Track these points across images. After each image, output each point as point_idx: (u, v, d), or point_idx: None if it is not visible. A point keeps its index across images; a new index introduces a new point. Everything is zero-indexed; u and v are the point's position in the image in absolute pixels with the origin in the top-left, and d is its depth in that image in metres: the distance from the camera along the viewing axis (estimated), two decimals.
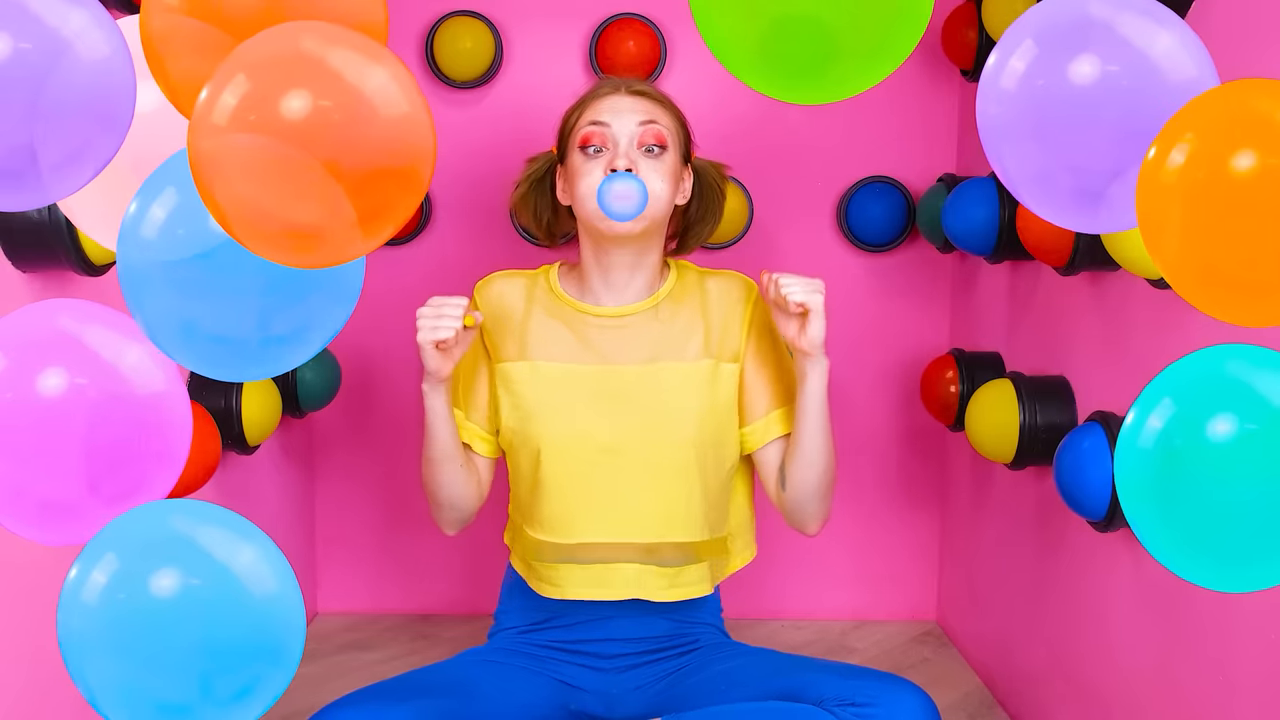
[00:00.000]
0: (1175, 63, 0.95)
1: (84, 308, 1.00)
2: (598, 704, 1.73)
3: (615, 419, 1.66)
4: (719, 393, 1.70)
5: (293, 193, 0.85)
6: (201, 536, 0.96)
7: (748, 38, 0.98)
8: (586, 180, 1.63)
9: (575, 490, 1.67)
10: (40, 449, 0.95)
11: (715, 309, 1.73)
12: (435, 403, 1.64)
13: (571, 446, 1.66)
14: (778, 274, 1.60)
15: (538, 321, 1.72)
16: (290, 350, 1.00)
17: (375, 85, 0.86)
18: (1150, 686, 1.61)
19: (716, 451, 1.71)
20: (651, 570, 1.69)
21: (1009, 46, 0.99)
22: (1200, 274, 0.91)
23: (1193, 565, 0.96)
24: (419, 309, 1.58)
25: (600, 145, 1.64)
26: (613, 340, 1.70)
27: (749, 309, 1.74)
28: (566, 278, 1.76)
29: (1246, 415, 0.92)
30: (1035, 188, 1.02)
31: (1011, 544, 2.17)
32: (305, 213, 0.86)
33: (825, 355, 1.62)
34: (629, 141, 1.64)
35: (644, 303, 1.71)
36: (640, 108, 1.67)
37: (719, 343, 1.71)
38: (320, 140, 0.84)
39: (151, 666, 0.93)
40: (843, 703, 1.48)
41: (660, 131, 1.66)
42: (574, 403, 1.67)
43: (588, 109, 1.69)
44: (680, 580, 1.70)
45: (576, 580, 1.69)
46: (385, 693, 1.56)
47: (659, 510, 1.67)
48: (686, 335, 1.71)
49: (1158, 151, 0.89)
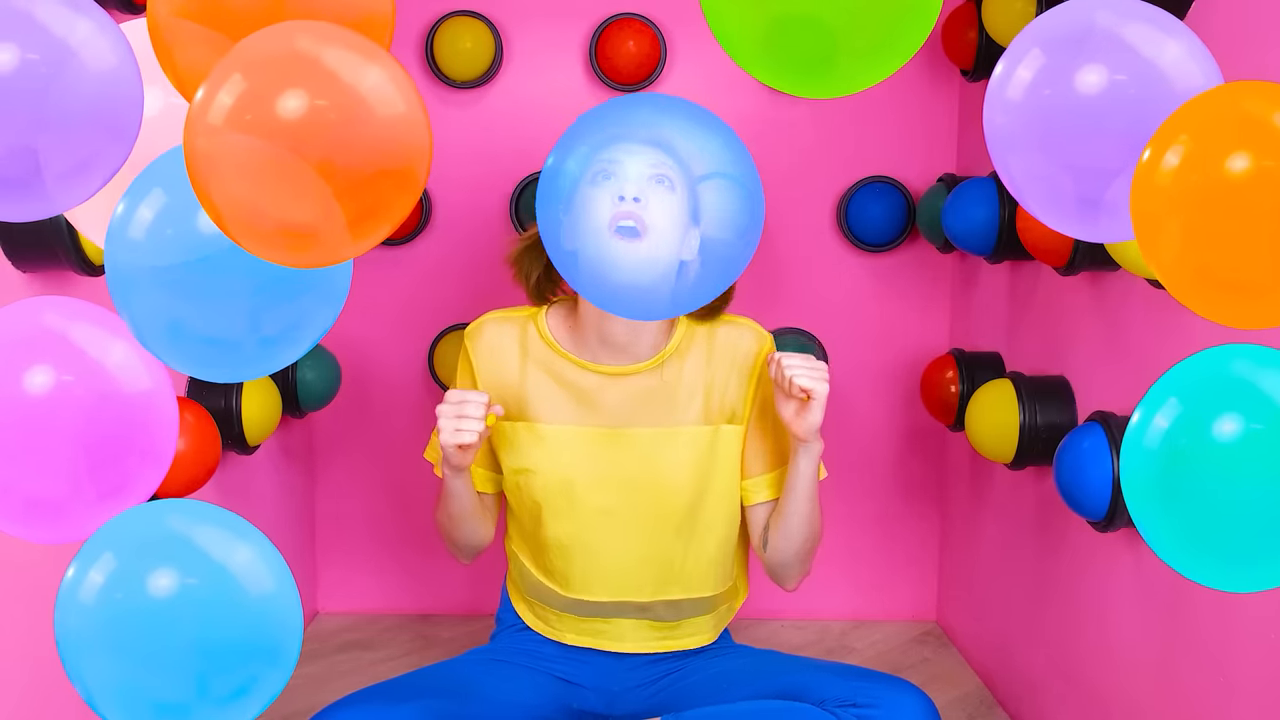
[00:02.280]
0: (1183, 71, 0.95)
1: (70, 305, 1.00)
2: (599, 702, 1.74)
3: (614, 482, 1.64)
4: (719, 456, 1.66)
5: (288, 192, 0.85)
6: (198, 536, 0.96)
7: (755, 30, 0.98)
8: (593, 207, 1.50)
9: (574, 549, 1.66)
10: (27, 446, 0.95)
11: (721, 366, 1.66)
12: (457, 483, 1.62)
13: (570, 509, 1.64)
14: (781, 354, 1.54)
15: (535, 381, 1.65)
16: (279, 351, 1.00)
17: (371, 85, 0.86)
18: (1150, 686, 1.61)
19: (717, 511, 1.67)
20: (647, 625, 1.70)
21: (1016, 55, 0.98)
22: (1195, 276, 0.90)
23: (1197, 565, 0.96)
24: (439, 406, 1.52)
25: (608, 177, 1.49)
26: (612, 398, 1.64)
27: (758, 364, 1.67)
28: (559, 324, 1.67)
29: (1252, 415, 0.91)
30: (1042, 196, 1.02)
31: (1011, 544, 2.17)
32: (301, 212, 0.86)
33: (820, 439, 1.59)
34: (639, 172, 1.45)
35: (646, 363, 1.64)
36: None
37: (719, 404, 1.66)
38: (316, 140, 0.84)
39: (149, 666, 0.93)
40: (844, 704, 1.48)
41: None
42: (573, 465, 1.63)
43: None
44: (678, 633, 1.72)
45: (573, 628, 1.72)
46: (387, 693, 1.56)
47: (655, 570, 1.66)
48: (689, 397, 1.65)
49: (1152, 154, 0.89)
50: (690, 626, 1.72)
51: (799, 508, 1.63)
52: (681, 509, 1.64)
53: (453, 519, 1.67)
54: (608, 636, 1.71)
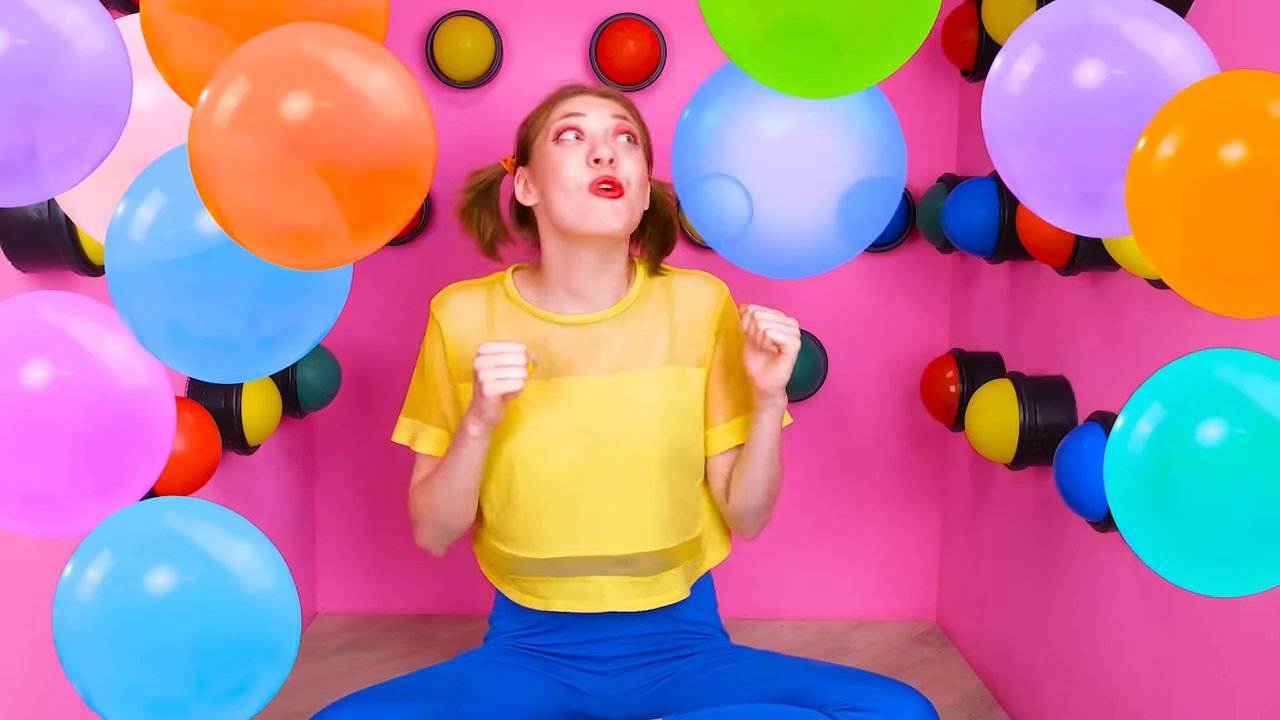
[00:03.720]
0: (1181, 66, 0.95)
1: (68, 300, 1.00)
2: (598, 706, 1.73)
3: (583, 434, 1.64)
4: (685, 399, 1.69)
5: (293, 194, 0.85)
6: (196, 534, 0.96)
7: (754, 32, 0.98)
8: (568, 169, 1.59)
9: (547, 507, 1.66)
10: (24, 441, 0.95)
11: (682, 312, 1.70)
12: (474, 453, 1.60)
13: (541, 465, 1.65)
14: (755, 307, 1.57)
15: (501, 338, 1.67)
16: (279, 351, 1.00)
17: (376, 86, 0.86)
18: (1150, 686, 1.61)
19: (683, 458, 1.69)
20: (627, 580, 1.69)
21: (1015, 50, 0.98)
22: (1191, 266, 0.90)
23: (1183, 570, 0.96)
24: (476, 360, 1.52)
25: (577, 135, 1.61)
26: (578, 349, 1.67)
27: (719, 313, 1.72)
28: (525, 283, 1.72)
29: (1236, 419, 0.92)
30: (1040, 191, 1.02)
31: (1011, 544, 2.17)
32: (306, 214, 0.86)
33: (784, 394, 1.62)
34: (605, 133, 1.62)
35: (609, 310, 1.68)
36: (612, 107, 1.66)
37: (685, 347, 1.69)
38: (321, 142, 0.84)
39: (146, 664, 0.93)
40: (844, 708, 1.47)
41: (633, 130, 1.65)
42: (542, 421, 1.65)
43: (557, 106, 1.66)
44: (657, 589, 1.71)
45: (558, 592, 1.70)
46: (386, 694, 1.56)
47: (631, 522, 1.66)
48: (651, 340, 1.68)
49: (1147, 143, 0.89)
50: (666, 580, 1.71)
51: (761, 460, 1.66)
52: (655, 454, 1.66)
53: (455, 495, 1.65)
54: (588, 597, 1.69)
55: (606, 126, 1.63)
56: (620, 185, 1.59)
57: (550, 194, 1.62)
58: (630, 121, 1.66)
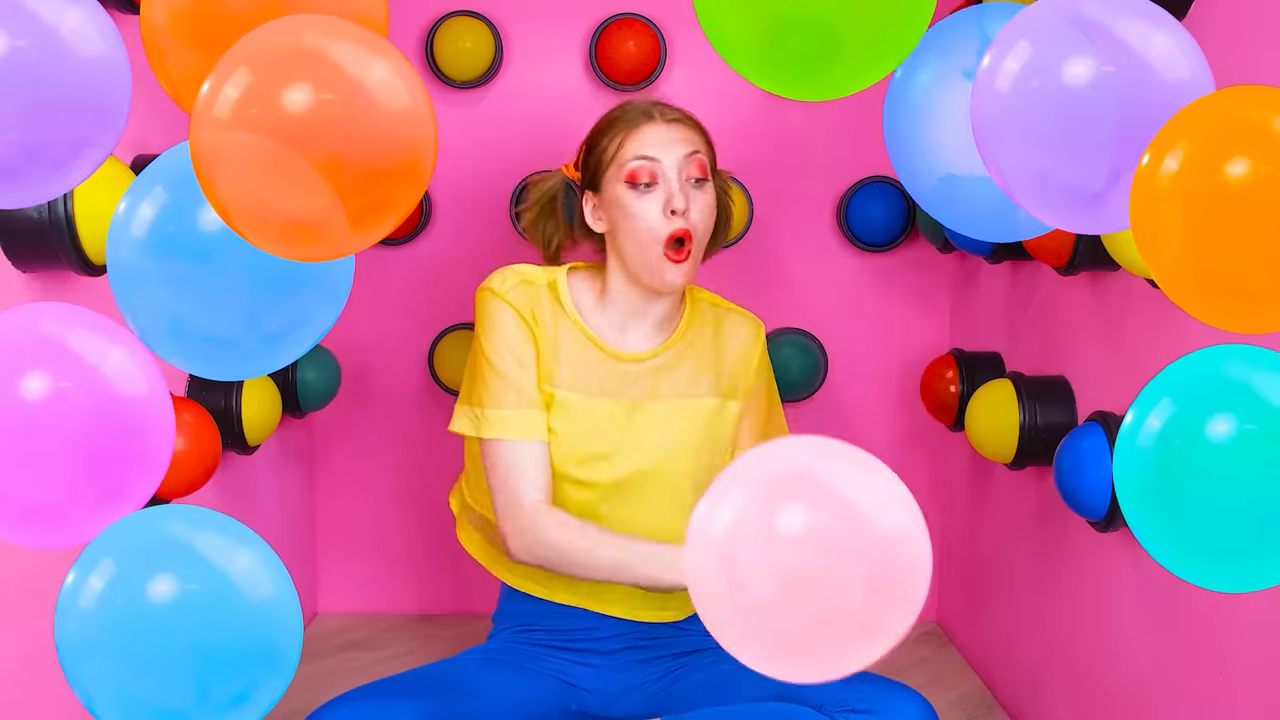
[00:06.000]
0: (1170, 63, 0.95)
1: (66, 311, 1.00)
2: (597, 703, 1.74)
3: (632, 454, 1.67)
4: (721, 431, 1.73)
5: (294, 186, 0.85)
6: (198, 542, 0.96)
7: (751, 35, 0.98)
8: (646, 222, 1.60)
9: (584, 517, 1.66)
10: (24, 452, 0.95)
11: (729, 347, 1.75)
12: None
13: (579, 479, 1.66)
14: None
15: (565, 349, 1.68)
16: (281, 348, 1.00)
17: (377, 78, 0.86)
18: (1150, 686, 1.61)
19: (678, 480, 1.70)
20: (640, 594, 1.70)
21: (1003, 47, 0.98)
22: (1195, 280, 0.90)
23: (1191, 565, 0.96)
24: None
25: (651, 181, 1.61)
26: (631, 376, 1.70)
27: (760, 352, 1.78)
28: (581, 290, 1.71)
29: (1245, 415, 0.91)
30: (1029, 189, 1.01)
31: (1011, 544, 2.17)
32: (307, 206, 0.86)
33: None
34: (678, 174, 1.61)
35: (661, 347, 1.71)
36: (682, 137, 1.64)
37: (729, 382, 1.74)
38: (322, 134, 0.84)
39: (149, 672, 0.93)
40: (843, 708, 1.48)
41: (704, 161, 1.64)
42: (589, 437, 1.66)
43: (630, 140, 1.63)
44: (670, 604, 1.73)
45: (566, 586, 1.71)
46: (384, 690, 1.56)
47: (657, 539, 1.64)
48: (700, 371, 1.72)
49: (1152, 158, 0.89)
50: (678, 600, 1.73)
51: None
52: (680, 479, 1.69)
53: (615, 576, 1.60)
54: (596, 598, 1.71)
55: (679, 167, 1.62)
56: (690, 239, 1.61)
57: (624, 239, 1.64)
58: (702, 153, 1.65)
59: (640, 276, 1.64)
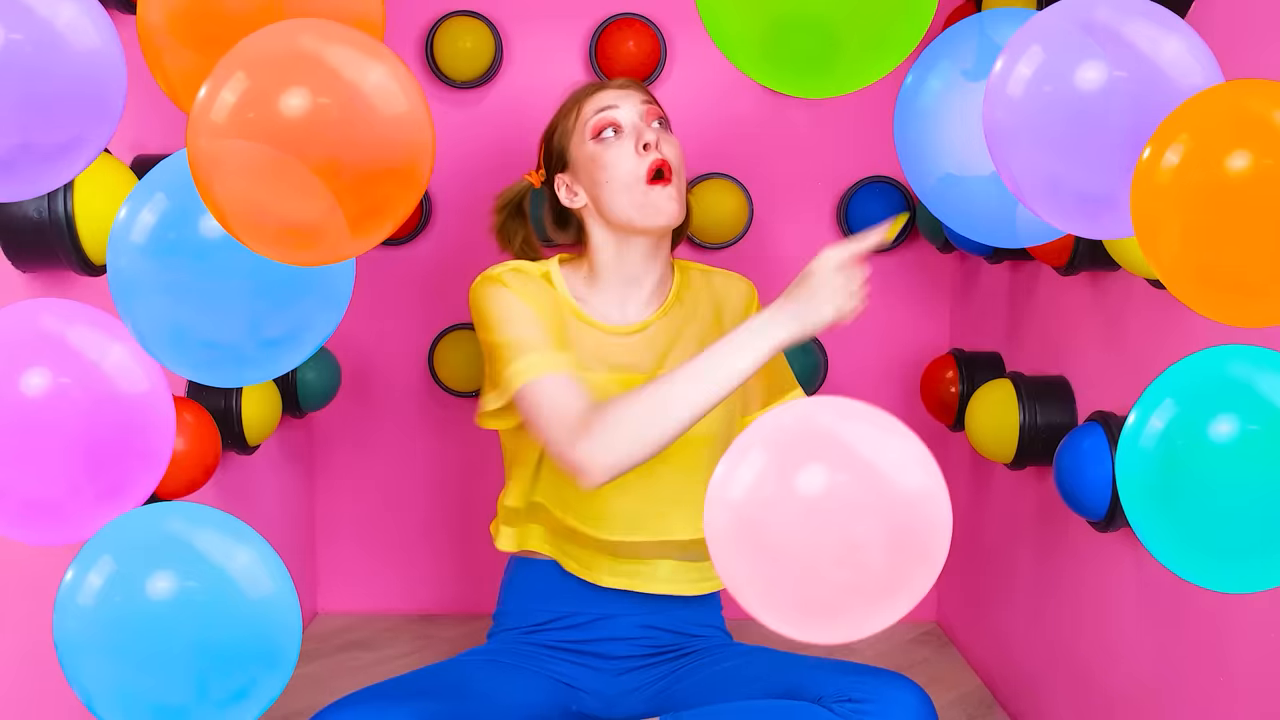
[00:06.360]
0: (1182, 68, 0.95)
1: (67, 307, 1.00)
2: (597, 704, 1.73)
3: None
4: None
5: (291, 190, 0.85)
6: (197, 539, 0.96)
7: (753, 32, 0.98)
8: (622, 166, 1.63)
9: (613, 493, 1.66)
10: (25, 449, 0.95)
11: (726, 305, 1.77)
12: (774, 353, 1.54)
13: None
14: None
15: (569, 333, 1.69)
16: (282, 355, 1.00)
17: (374, 83, 0.86)
18: (1151, 686, 1.61)
19: (726, 443, 1.70)
20: (685, 566, 1.71)
21: (1016, 52, 0.98)
22: (1195, 275, 0.90)
23: (1194, 566, 0.96)
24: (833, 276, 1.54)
25: (615, 129, 1.65)
26: (636, 349, 1.71)
27: (756, 307, 1.79)
28: (572, 279, 1.74)
29: (1248, 416, 0.92)
30: (1042, 193, 1.02)
31: (1011, 544, 2.17)
32: (304, 210, 0.86)
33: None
34: (640, 119, 1.66)
35: (659, 312, 1.73)
36: (639, 94, 1.70)
37: None
38: (319, 138, 0.84)
39: (148, 669, 0.93)
40: (840, 699, 1.48)
41: (661, 112, 1.69)
42: None
43: (585, 105, 1.69)
44: (709, 573, 1.74)
45: (609, 570, 1.71)
46: (385, 693, 1.56)
47: (690, 508, 1.68)
48: (702, 332, 1.73)
49: (1152, 152, 0.89)
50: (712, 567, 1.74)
51: None
52: (708, 442, 1.69)
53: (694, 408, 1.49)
54: (643, 578, 1.71)
55: (640, 113, 1.67)
56: (669, 168, 1.64)
57: (603, 193, 1.65)
58: (657, 105, 1.70)
59: (634, 222, 1.64)
